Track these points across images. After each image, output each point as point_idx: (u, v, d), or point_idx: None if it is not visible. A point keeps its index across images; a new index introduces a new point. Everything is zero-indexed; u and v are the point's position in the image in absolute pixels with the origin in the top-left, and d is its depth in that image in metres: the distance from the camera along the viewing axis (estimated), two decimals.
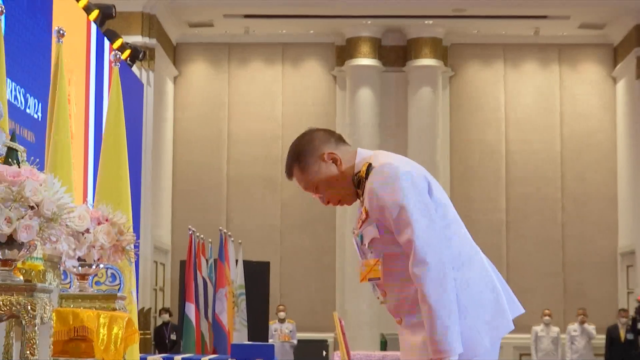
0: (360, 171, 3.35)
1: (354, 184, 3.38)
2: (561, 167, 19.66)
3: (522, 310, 3.38)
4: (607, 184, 19.50)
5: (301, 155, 3.40)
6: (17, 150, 4.72)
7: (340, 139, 3.44)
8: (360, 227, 3.35)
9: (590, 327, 16.76)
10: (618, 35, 19.29)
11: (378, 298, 3.42)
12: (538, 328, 16.97)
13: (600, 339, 16.97)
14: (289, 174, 3.44)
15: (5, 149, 4.71)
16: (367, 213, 3.30)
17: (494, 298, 3.28)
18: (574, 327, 16.87)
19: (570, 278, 19.35)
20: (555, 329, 17.01)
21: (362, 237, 3.36)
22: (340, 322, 9.00)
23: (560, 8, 18.51)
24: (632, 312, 16.69)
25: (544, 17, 18.93)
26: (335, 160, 3.38)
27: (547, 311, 17.07)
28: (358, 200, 3.41)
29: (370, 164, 3.33)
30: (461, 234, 3.33)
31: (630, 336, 16.17)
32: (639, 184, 18.36)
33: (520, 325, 18.91)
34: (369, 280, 3.34)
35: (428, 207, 3.22)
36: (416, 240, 3.16)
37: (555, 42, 19.75)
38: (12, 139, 4.81)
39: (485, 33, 19.55)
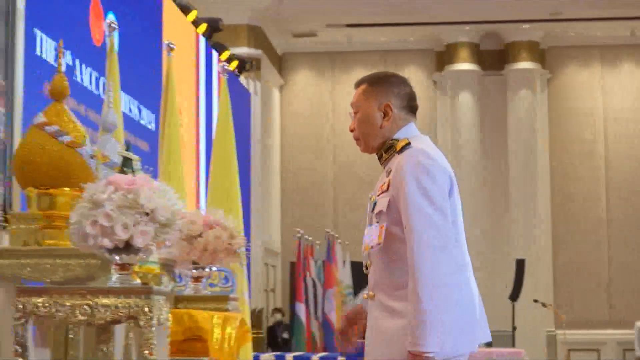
0: (397, 141, 3.37)
1: (382, 145, 3.41)
2: None
3: (489, 338, 3.31)
4: None
5: (378, 85, 3.41)
6: (132, 160, 4.93)
7: (411, 108, 3.42)
8: (379, 195, 3.38)
9: None
10: None
11: (365, 268, 3.41)
12: None
13: None
14: (358, 84, 3.46)
15: (121, 158, 4.93)
16: (389, 185, 3.32)
17: (466, 318, 3.22)
18: None
19: None
20: None
21: (375, 205, 3.39)
22: None
23: None
24: None
25: None
26: (385, 114, 3.37)
27: None
28: (383, 170, 3.43)
29: (409, 143, 3.33)
30: (460, 245, 3.29)
31: None
32: None
33: (624, 320, 18.50)
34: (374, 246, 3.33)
35: (444, 204, 3.21)
36: (426, 228, 3.14)
37: None
38: (127, 149, 5.02)
39: (582, 35, 19.38)
